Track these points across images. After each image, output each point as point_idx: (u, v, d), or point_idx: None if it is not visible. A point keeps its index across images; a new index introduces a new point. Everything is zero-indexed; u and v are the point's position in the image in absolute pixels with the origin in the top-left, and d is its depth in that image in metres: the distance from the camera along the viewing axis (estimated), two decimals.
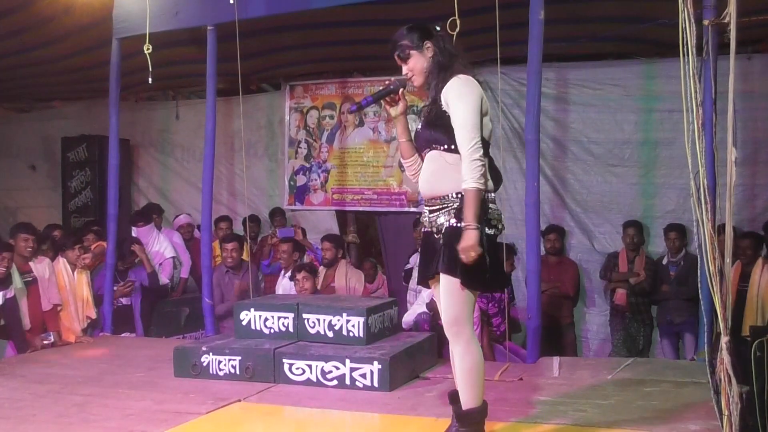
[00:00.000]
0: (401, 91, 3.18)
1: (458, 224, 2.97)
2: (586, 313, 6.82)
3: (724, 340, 2.77)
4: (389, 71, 3.26)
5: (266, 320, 4.67)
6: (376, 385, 4.11)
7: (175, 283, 7.25)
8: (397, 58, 3.15)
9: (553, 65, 6.50)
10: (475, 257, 2.88)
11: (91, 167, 8.49)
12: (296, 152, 8.06)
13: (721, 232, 3.04)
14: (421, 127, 3.18)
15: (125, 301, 6.60)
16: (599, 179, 6.73)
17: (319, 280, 6.10)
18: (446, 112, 3.02)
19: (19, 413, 3.80)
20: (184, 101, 8.72)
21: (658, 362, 5.48)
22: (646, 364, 4.80)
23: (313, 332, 4.55)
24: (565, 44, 6.25)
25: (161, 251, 7.07)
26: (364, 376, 4.14)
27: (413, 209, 7.27)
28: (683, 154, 2.92)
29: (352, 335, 4.44)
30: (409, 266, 6.35)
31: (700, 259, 3.26)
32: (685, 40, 2.87)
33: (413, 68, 3.13)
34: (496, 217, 3.04)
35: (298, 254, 6.59)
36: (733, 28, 2.77)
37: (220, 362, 4.45)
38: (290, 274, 6.15)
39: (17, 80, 8.40)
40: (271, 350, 4.37)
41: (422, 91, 3.30)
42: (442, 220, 3.04)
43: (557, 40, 5.76)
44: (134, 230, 7.07)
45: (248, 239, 7.16)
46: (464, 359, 3.01)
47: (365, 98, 3.27)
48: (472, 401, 3.03)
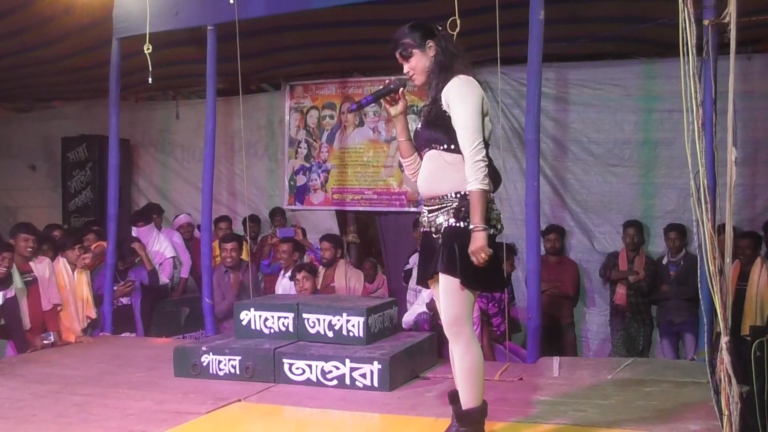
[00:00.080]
0: (401, 90, 3.18)
1: (457, 224, 2.98)
2: (586, 313, 6.82)
3: (724, 339, 2.77)
4: (389, 71, 3.26)
5: (266, 320, 4.67)
6: (376, 385, 4.11)
7: (175, 283, 7.25)
8: (398, 56, 3.14)
9: (553, 65, 6.50)
10: (486, 258, 2.88)
11: (91, 167, 8.50)
12: (296, 152, 8.06)
13: (721, 231, 3.03)
14: (420, 126, 3.17)
15: (125, 300, 6.60)
16: (599, 179, 6.74)
17: (318, 280, 6.11)
18: (446, 111, 3.02)
19: (19, 413, 3.80)
20: (184, 101, 8.72)
21: (658, 362, 5.48)
22: (646, 364, 4.80)
23: (313, 332, 4.55)
24: (565, 44, 6.25)
25: (161, 251, 7.07)
26: (364, 376, 4.14)
27: (413, 209, 7.26)
28: (683, 154, 2.92)
29: (352, 335, 4.44)
30: (408, 266, 6.35)
31: (700, 258, 3.25)
32: (685, 40, 2.87)
33: (415, 67, 3.12)
34: (495, 217, 3.03)
35: (298, 254, 6.60)
36: (733, 28, 2.77)
37: (220, 362, 4.45)
38: (290, 273, 6.15)
39: (17, 80, 8.40)
40: (271, 350, 4.37)
41: (422, 90, 3.30)
42: (441, 219, 3.04)
43: (557, 40, 5.76)
44: (134, 230, 7.07)
45: (248, 239, 7.17)
46: (464, 359, 3.01)
47: (365, 97, 3.27)
48: (472, 401, 3.03)
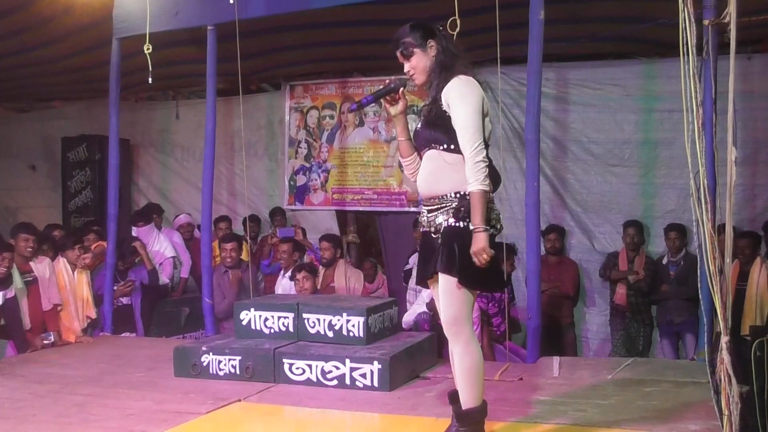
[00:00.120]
0: (401, 90, 3.18)
1: (457, 224, 2.98)
2: (586, 313, 6.82)
3: (724, 339, 2.77)
4: (389, 71, 3.26)
5: (266, 320, 4.67)
6: (376, 384, 4.11)
7: (175, 282, 7.25)
8: (399, 55, 3.14)
9: (553, 65, 6.49)
10: (487, 259, 2.89)
11: (91, 167, 8.50)
12: (296, 152, 8.06)
13: (721, 231, 3.04)
14: (420, 126, 3.17)
15: (125, 300, 6.60)
16: (599, 179, 6.74)
17: (318, 280, 6.11)
18: (446, 111, 3.02)
19: (19, 413, 3.80)
20: (184, 101, 8.72)
21: (658, 362, 5.48)
22: (646, 364, 4.80)
23: (313, 332, 4.55)
24: (565, 44, 6.25)
25: (161, 251, 7.08)
26: (364, 375, 4.14)
27: (413, 209, 7.26)
28: (683, 153, 2.92)
29: (352, 335, 4.44)
30: (408, 267, 6.35)
31: (699, 258, 3.25)
32: (685, 40, 2.87)
33: (415, 66, 3.12)
34: (495, 217, 3.03)
35: (298, 254, 6.60)
36: (733, 28, 2.77)
37: (220, 362, 4.45)
38: (290, 273, 6.15)
39: (17, 80, 8.40)
40: (271, 350, 4.37)
41: (422, 90, 3.29)
42: (440, 219, 3.04)
43: (557, 40, 5.76)
44: (134, 230, 7.07)
45: (248, 239, 7.17)
46: (464, 359, 3.01)
47: (365, 97, 3.26)
48: (471, 401, 3.03)
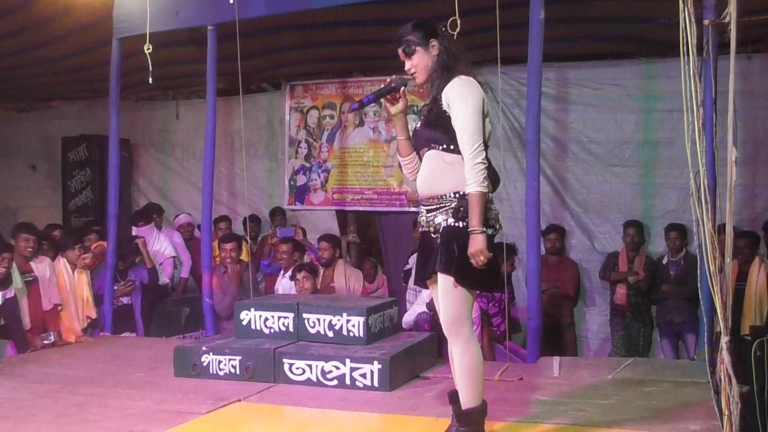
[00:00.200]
0: (402, 89, 3.18)
1: (456, 224, 2.98)
2: (586, 312, 6.82)
3: (724, 339, 2.77)
4: (389, 71, 3.24)
5: (266, 320, 4.67)
6: (376, 384, 4.11)
7: (175, 282, 7.26)
8: (401, 52, 3.14)
9: (553, 65, 6.49)
10: (485, 261, 2.88)
11: (91, 167, 8.49)
12: (296, 152, 8.06)
13: (721, 231, 3.04)
14: (420, 125, 3.17)
15: (125, 300, 6.60)
16: (599, 179, 6.73)
17: (318, 280, 6.10)
18: (446, 111, 3.02)
19: (19, 413, 3.80)
20: (184, 101, 8.72)
21: (658, 362, 5.48)
22: (646, 364, 4.80)
23: (313, 332, 4.55)
24: (565, 44, 6.25)
25: (161, 251, 7.08)
26: (364, 375, 4.14)
27: (413, 209, 7.26)
28: (683, 153, 2.92)
29: (352, 335, 4.44)
30: (408, 267, 6.35)
31: (700, 258, 3.25)
32: (685, 39, 2.87)
33: (417, 65, 3.12)
34: (493, 216, 3.03)
35: (298, 254, 6.59)
36: (733, 27, 2.77)
37: (220, 362, 4.45)
38: (291, 273, 6.15)
39: (17, 80, 8.40)
40: (271, 350, 4.37)
41: (423, 89, 3.29)
42: (439, 219, 3.03)
43: (557, 40, 5.76)
44: (134, 230, 7.07)
45: (248, 239, 7.16)
46: (463, 359, 3.01)
47: (366, 96, 3.26)
48: (471, 401, 3.03)
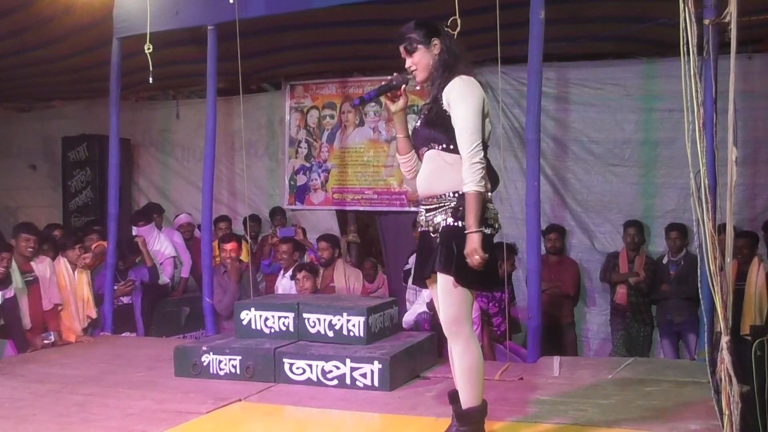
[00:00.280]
0: (403, 87, 3.18)
1: (455, 223, 2.98)
2: (586, 312, 6.82)
3: (724, 339, 2.77)
4: (389, 71, 3.24)
5: (267, 320, 4.67)
6: (376, 384, 4.11)
7: (175, 282, 7.26)
8: (402, 50, 3.14)
9: (553, 65, 6.49)
10: (480, 260, 2.88)
11: (91, 167, 8.49)
12: (296, 152, 8.06)
13: (721, 231, 3.03)
14: (420, 124, 3.17)
15: (126, 300, 6.60)
16: (600, 179, 6.73)
17: (318, 280, 6.10)
18: (447, 111, 3.02)
19: (19, 413, 3.80)
20: (184, 101, 8.72)
21: (658, 362, 5.48)
22: (646, 363, 4.79)
23: (313, 332, 4.55)
24: (565, 44, 6.25)
25: (162, 250, 7.08)
26: (364, 375, 4.15)
27: (413, 209, 7.24)
28: (684, 153, 2.92)
29: (352, 335, 4.44)
30: (408, 266, 6.34)
31: (700, 258, 3.25)
32: (685, 39, 2.87)
33: (418, 63, 3.12)
34: (492, 216, 3.04)
35: (298, 254, 6.59)
36: (733, 27, 2.77)
37: (220, 362, 4.45)
38: (291, 273, 6.15)
39: (17, 80, 8.39)
40: (271, 350, 4.37)
41: (423, 87, 3.29)
42: (438, 219, 3.04)
43: (558, 39, 5.76)
44: (135, 230, 7.07)
45: (248, 239, 7.16)
46: (463, 358, 3.01)
47: (368, 93, 3.26)
48: (471, 400, 3.03)
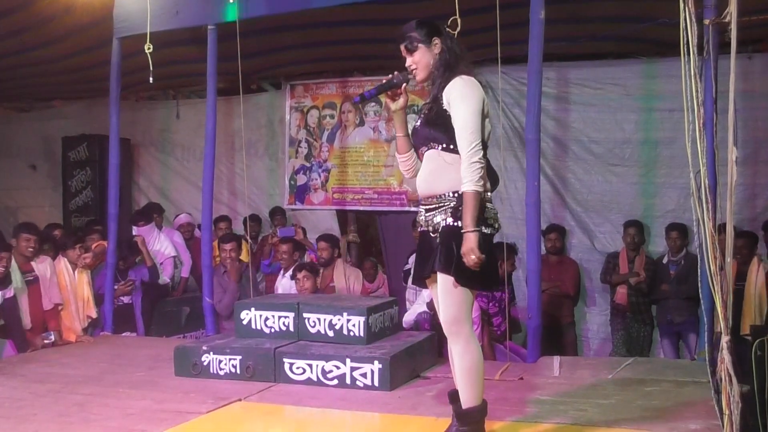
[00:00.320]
0: (404, 85, 3.18)
1: (455, 223, 2.98)
2: (586, 312, 6.82)
3: (724, 339, 2.77)
4: (389, 70, 3.24)
5: (267, 320, 4.67)
6: (376, 384, 4.11)
7: (175, 282, 7.26)
8: (403, 48, 3.14)
9: (553, 65, 6.49)
10: (476, 260, 2.88)
11: (91, 166, 8.49)
12: (296, 151, 8.06)
13: (721, 231, 3.03)
14: (420, 124, 3.17)
15: (126, 299, 6.60)
16: (600, 179, 6.73)
17: (318, 279, 6.10)
18: (447, 111, 3.02)
19: (19, 412, 3.80)
20: (184, 100, 8.71)
21: (658, 362, 5.48)
22: (646, 363, 4.80)
23: (313, 332, 4.55)
24: (565, 44, 6.24)
25: (162, 250, 7.08)
26: (364, 375, 4.15)
27: (413, 209, 7.23)
28: (684, 153, 2.92)
29: (352, 335, 4.44)
30: (408, 267, 6.34)
31: (700, 258, 3.25)
32: (685, 39, 2.87)
33: (418, 62, 3.12)
34: (492, 216, 3.04)
35: (298, 254, 6.59)
36: (733, 27, 2.76)
37: (220, 362, 4.45)
38: (291, 273, 6.14)
39: (17, 80, 8.39)
40: (271, 350, 4.37)
41: (422, 87, 3.29)
42: (438, 219, 3.04)
43: (558, 39, 5.76)
44: (135, 229, 7.07)
45: (248, 239, 7.16)
46: (463, 358, 3.01)
47: (369, 90, 3.26)
48: (471, 400, 3.03)
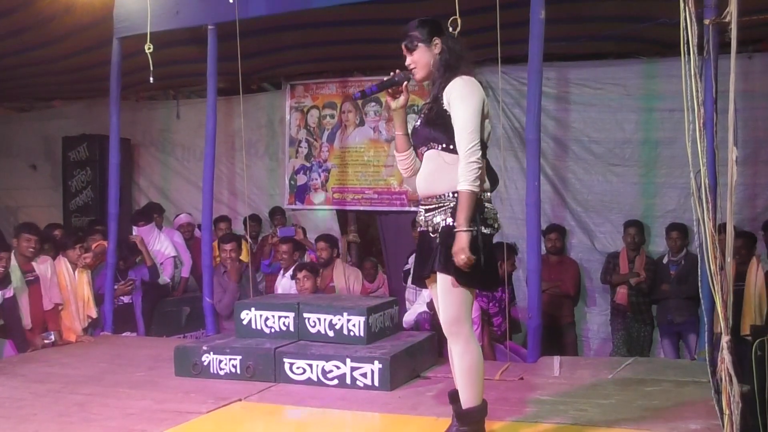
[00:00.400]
0: (405, 84, 3.18)
1: (454, 223, 2.98)
2: (586, 312, 6.82)
3: (725, 339, 2.77)
4: (389, 70, 3.24)
5: (267, 320, 4.67)
6: (376, 384, 4.11)
7: (176, 282, 7.26)
8: (404, 47, 3.15)
9: (553, 64, 6.49)
10: (465, 260, 2.87)
11: (91, 166, 8.49)
12: (297, 151, 8.06)
13: (721, 231, 3.03)
14: (420, 124, 3.17)
15: (126, 299, 6.60)
16: (600, 179, 6.73)
17: (318, 279, 6.09)
18: (447, 111, 3.02)
19: (19, 412, 3.80)
20: (184, 100, 8.72)
21: (658, 362, 5.48)
22: (646, 363, 4.79)
23: (313, 332, 4.55)
24: (565, 43, 6.24)
25: (162, 250, 7.08)
26: (364, 375, 4.15)
27: (413, 209, 7.24)
28: (684, 153, 2.92)
29: (352, 334, 4.44)
30: (407, 267, 6.34)
31: (700, 258, 3.25)
32: (686, 39, 2.87)
33: (417, 61, 3.13)
34: (492, 216, 3.05)
35: (298, 254, 6.59)
36: (734, 27, 2.76)
37: (220, 361, 4.45)
38: (291, 272, 6.14)
39: (17, 80, 8.39)
40: (271, 349, 4.37)
41: (422, 86, 3.29)
42: (438, 219, 3.04)
43: (558, 39, 5.76)
44: (135, 229, 7.07)
45: (248, 238, 7.16)
46: (463, 358, 3.01)
47: (369, 87, 3.26)
48: (471, 400, 3.03)
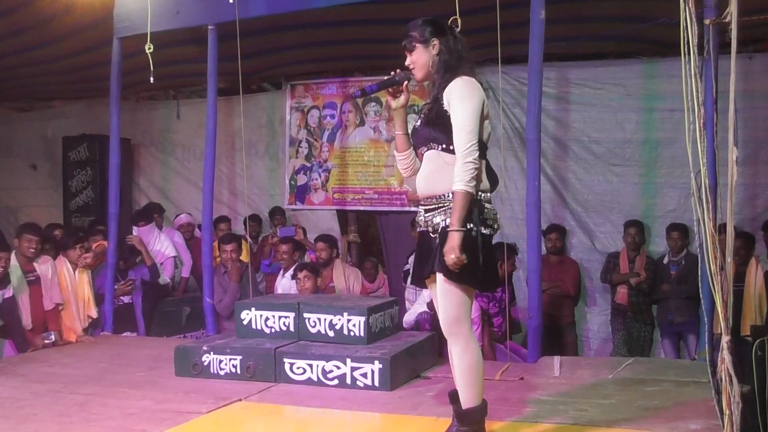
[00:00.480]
0: (405, 83, 3.18)
1: None
2: (587, 312, 6.82)
3: (725, 339, 2.76)
4: (390, 70, 3.25)
5: (267, 320, 4.67)
6: (376, 384, 4.11)
7: (176, 282, 7.26)
8: (404, 47, 3.16)
9: (554, 64, 6.49)
10: (455, 260, 2.87)
11: (92, 166, 8.49)
12: (297, 152, 8.06)
13: (721, 231, 3.03)
14: (420, 124, 3.17)
15: (126, 299, 6.60)
16: (600, 179, 6.73)
17: (318, 280, 6.09)
18: (447, 111, 3.02)
19: (19, 412, 3.80)
20: (184, 100, 8.72)
21: (658, 362, 5.48)
22: (646, 363, 4.79)
23: (314, 332, 4.55)
24: (566, 44, 6.25)
25: (162, 250, 7.08)
26: (365, 375, 4.15)
27: (414, 209, 7.23)
28: (684, 153, 2.92)
29: (353, 335, 4.44)
30: (407, 267, 6.34)
31: (700, 258, 3.25)
32: (686, 39, 2.87)
33: (415, 61, 3.13)
34: (491, 216, 3.05)
35: (298, 254, 6.59)
36: (734, 27, 2.76)
37: (221, 361, 4.45)
38: (292, 272, 6.14)
39: (18, 80, 8.40)
40: (272, 350, 4.37)
41: (422, 86, 3.29)
42: (438, 219, 3.03)
43: (558, 39, 5.76)
44: (135, 229, 7.07)
45: (249, 239, 7.15)
46: (463, 358, 3.01)
47: (370, 85, 3.26)
48: (471, 400, 3.03)
